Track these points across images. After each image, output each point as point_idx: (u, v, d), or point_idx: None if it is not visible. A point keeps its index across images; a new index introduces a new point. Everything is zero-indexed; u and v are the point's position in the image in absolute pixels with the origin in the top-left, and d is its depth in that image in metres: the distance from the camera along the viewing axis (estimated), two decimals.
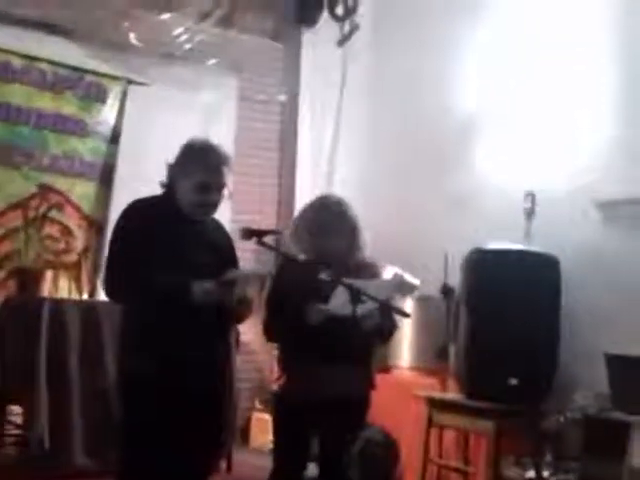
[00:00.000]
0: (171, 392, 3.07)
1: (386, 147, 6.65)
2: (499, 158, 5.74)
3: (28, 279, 5.39)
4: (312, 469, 3.67)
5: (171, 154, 3.31)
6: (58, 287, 5.62)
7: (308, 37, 6.80)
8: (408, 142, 6.39)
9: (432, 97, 6.24)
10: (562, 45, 5.35)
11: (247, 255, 4.02)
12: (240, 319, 3.40)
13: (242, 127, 6.62)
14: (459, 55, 6.13)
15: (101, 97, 6.04)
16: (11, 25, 5.59)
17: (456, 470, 4.93)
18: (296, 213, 3.87)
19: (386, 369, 5.40)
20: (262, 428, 6.19)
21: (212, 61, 6.44)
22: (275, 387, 3.69)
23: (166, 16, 6.17)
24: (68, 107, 5.92)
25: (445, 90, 6.17)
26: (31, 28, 5.67)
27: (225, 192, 3.25)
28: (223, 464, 5.22)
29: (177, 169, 3.26)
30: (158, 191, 3.33)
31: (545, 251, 4.79)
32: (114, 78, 6.08)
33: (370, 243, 3.70)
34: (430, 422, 4.77)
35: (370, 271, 3.64)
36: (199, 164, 3.21)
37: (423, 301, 5.43)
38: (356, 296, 3.24)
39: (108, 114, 6.08)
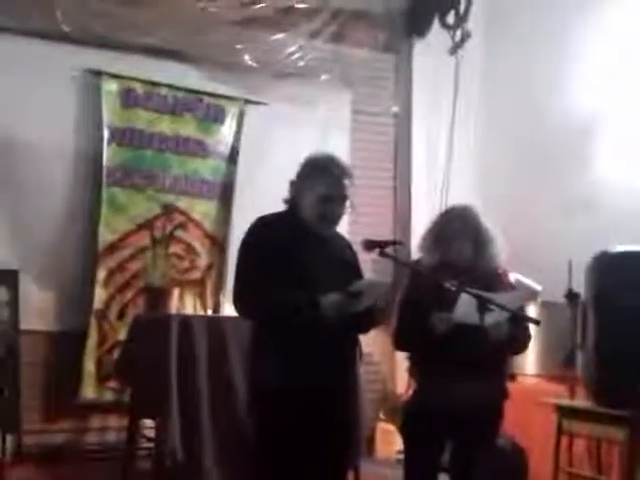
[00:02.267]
0: (304, 405, 3.10)
1: (503, 152, 6.58)
2: (621, 157, 5.62)
3: (156, 297, 5.47)
4: (443, 479, 3.65)
5: (289, 171, 3.35)
6: (184, 304, 5.73)
7: (419, 47, 6.82)
8: (526, 145, 6.32)
9: (549, 98, 6.17)
10: None
11: (365, 266, 4.03)
12: (370, 328, 3.39)
13: (356, 140, 6.66)
14: (575, 54, 6.04)
15: (219, 118, 6.17)
16: (134, 53, 5.81)
17: (588, 479, 4.82)
18: (412, 223, 3.88)
19: (512, 376, 5.32)
20: (387, 439, 6.21)
21: (325, 77, 6.52)
22: (405, 397, 3.69)
23: (279, 36, 6.29)
24: (188, 129, 6.07)
25: (562, 90, 6.09)
26: (152, 55, 5.87)
27: (347, 204, 3.29)
28: (351, 475, 5.23)
29: (300, 183, 3.29)
30: (277, 207, 3.37)
31: None
32: (231, 99, 6.21)
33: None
34: (560, 430, 4.68)
35: (499, 280, 3.61)
36: (322, 177, 3.25)
37: (548, 307, 5.32)
38: (483, 305, 3.22)
39: (226, 134, 6.21)
